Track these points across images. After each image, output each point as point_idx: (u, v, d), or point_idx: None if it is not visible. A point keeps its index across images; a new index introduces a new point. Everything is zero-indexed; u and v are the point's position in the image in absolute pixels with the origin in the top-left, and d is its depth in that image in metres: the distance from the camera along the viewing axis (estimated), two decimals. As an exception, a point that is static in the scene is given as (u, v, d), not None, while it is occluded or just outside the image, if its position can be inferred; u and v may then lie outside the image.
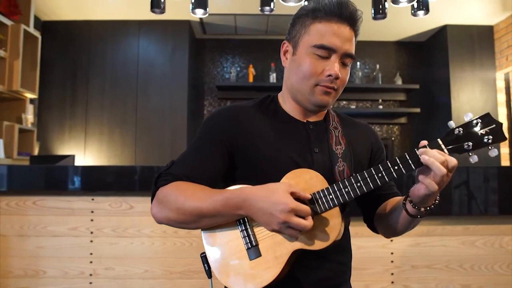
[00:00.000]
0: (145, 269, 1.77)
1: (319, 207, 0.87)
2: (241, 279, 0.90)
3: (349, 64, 0.97)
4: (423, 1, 2.68)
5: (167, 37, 4.34)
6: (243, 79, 4.87)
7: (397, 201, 0.98)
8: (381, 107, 4.77)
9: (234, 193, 0.88)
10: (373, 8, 2.65)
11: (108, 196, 1.80)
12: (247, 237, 0.91)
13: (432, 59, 4.73)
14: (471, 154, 0.82)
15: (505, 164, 4.19)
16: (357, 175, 0.86)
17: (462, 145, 0.82)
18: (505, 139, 0.81)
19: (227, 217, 0.90)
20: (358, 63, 4.85)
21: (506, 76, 4.32)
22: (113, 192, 1.79)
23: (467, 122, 0.82)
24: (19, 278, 1.78)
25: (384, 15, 2.65)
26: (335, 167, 0.95)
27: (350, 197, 0.86)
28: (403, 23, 4.30)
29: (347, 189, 0.86)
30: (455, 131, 0.82)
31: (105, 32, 4.33)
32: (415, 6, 2.70)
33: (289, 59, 1.00)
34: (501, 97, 4.31)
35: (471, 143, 0.81)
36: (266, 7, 2.66)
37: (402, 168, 0.83)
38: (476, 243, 1.77)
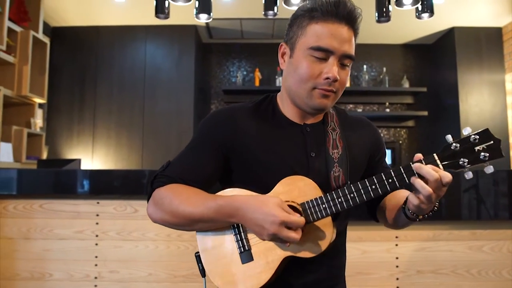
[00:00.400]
0: (149, 273, 1.78)
1: (311, 216, 0.88)
2: (233, 281, 0.92)
3: (349, 65, 0.94)
4: (427, 3, 2.65)
5: (174, 42, 4.37)
6: (249, 83, 4.88)
7: (399, 197, 0.97)
8: (388, 110, 4.74)
9: (227, 201, 0.89)
10: (376, 11, 2.63)
11: (113, 199, 1.81)
12: (240, 241, 0.93)
13: (439, 61, 4.68)
14: (466, 170, 0.82)
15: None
16: (351, 185, 0.87)
17: (457, 161, 0.81)
18: (502, 156, 0.80)
19: (220, 223, 0.92)
20: (364, 66, 4.83)
21: (515, 78, 4.27)
22: (118, 195, 1.81)
23: (465, 137, 0.82)
24: (25, 280, 1.80)
25: (388, 18, 2.62)
26: (330, 172, 0.94)
27: (342, 207, 0.87)
28: (410, 26, 4.27)
29: (340, 200, 0.87)
30: (451, 146, 0.82)
31: (113, 37, 4.38)
32: (420, 8, 2.68)
33: (286, 61, 0.97)
34: (510, 100, 4.25)
35: (467, 160, 0.81)
36: (269, 12, 2.67)
37: (396, 181, 0.84)
38: (483, 248, 1.74)
